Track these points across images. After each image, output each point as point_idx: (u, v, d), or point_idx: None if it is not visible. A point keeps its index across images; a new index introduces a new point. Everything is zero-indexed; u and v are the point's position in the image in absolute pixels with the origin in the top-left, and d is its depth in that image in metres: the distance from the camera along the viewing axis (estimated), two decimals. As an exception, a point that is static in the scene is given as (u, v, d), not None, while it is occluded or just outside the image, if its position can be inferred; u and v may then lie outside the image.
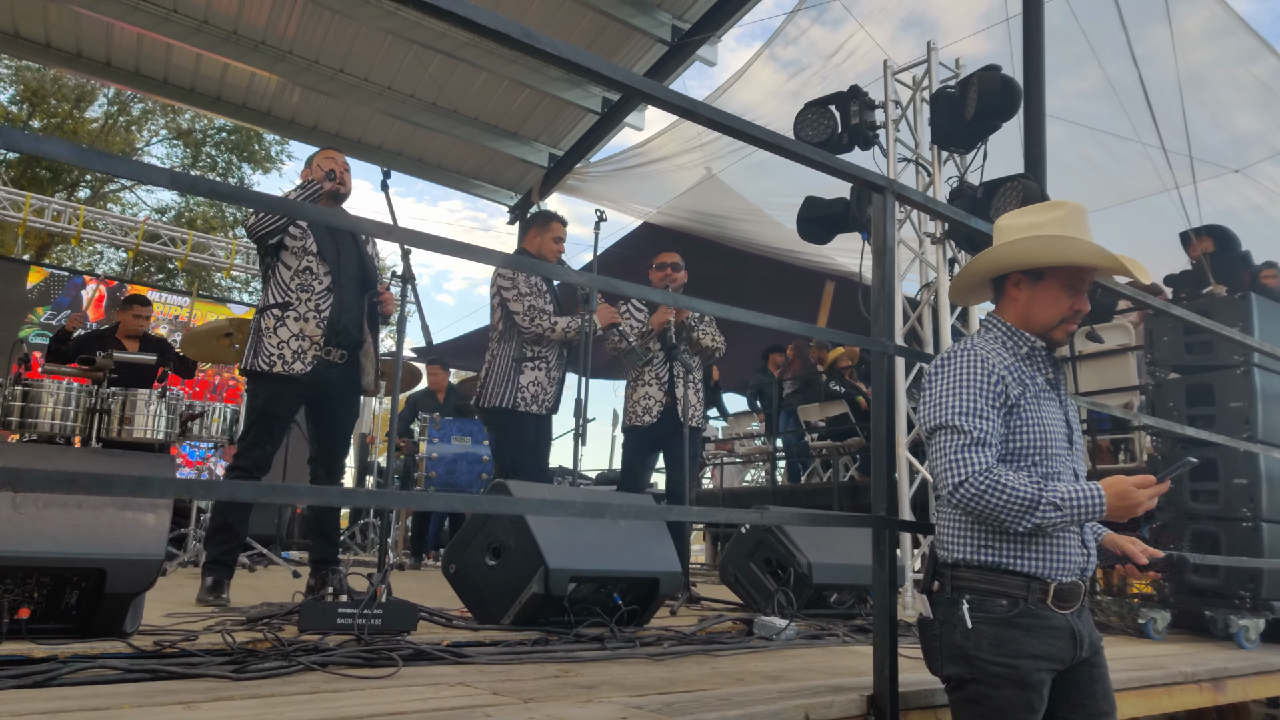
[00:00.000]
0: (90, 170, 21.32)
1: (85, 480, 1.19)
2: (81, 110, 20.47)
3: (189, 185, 1.40)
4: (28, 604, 2.22)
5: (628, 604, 3.04)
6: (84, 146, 1.27)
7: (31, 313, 10.15)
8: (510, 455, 4.38)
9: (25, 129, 20.15)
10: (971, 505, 1.78)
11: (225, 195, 6.15)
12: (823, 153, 2.21)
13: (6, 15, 7.96)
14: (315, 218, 3.59)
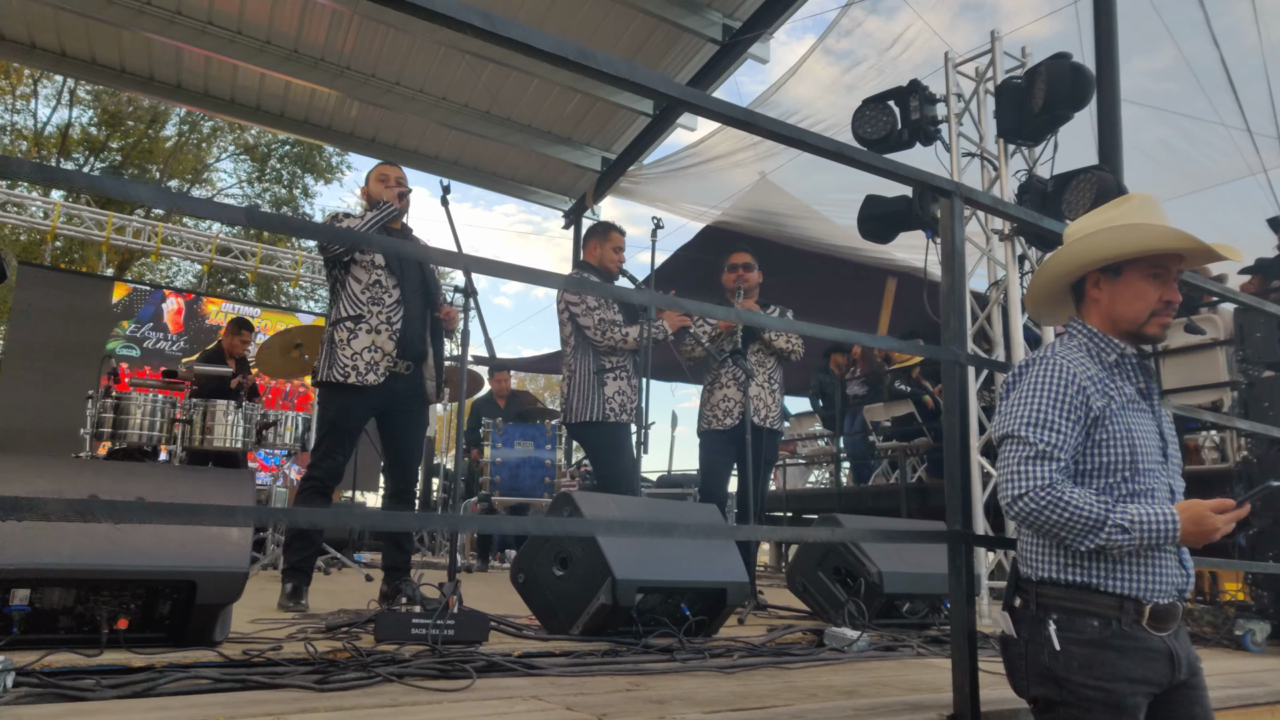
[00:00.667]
0: (166, 188, 22.02)
1: (177, 510, 1.24)
2: (156, 130, 21.15)
3: (264, 222, 1.45)
4: (125, 615, 2.32)
5: (695, 614, 3.05)
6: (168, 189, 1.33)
7: (117, 326, 10.53)
8: (609, 466, 4.40)
9: (105, 150, 20.94)
10: (1030, 520, 1.72)
11: (300, 230, 6.30)
12: (886, 159, 2.19)
13: (84, 43, 8.29)
14: (391, 250, 3.68)
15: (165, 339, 10.85)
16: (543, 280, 1.76)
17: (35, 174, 1.15)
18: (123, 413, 5.67)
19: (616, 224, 4.83)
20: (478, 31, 1.55)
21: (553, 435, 6.96)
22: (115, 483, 2.41)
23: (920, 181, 2.20)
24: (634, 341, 4.42)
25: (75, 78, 14.66)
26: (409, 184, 4.06)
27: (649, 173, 9.43)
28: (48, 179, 1.30)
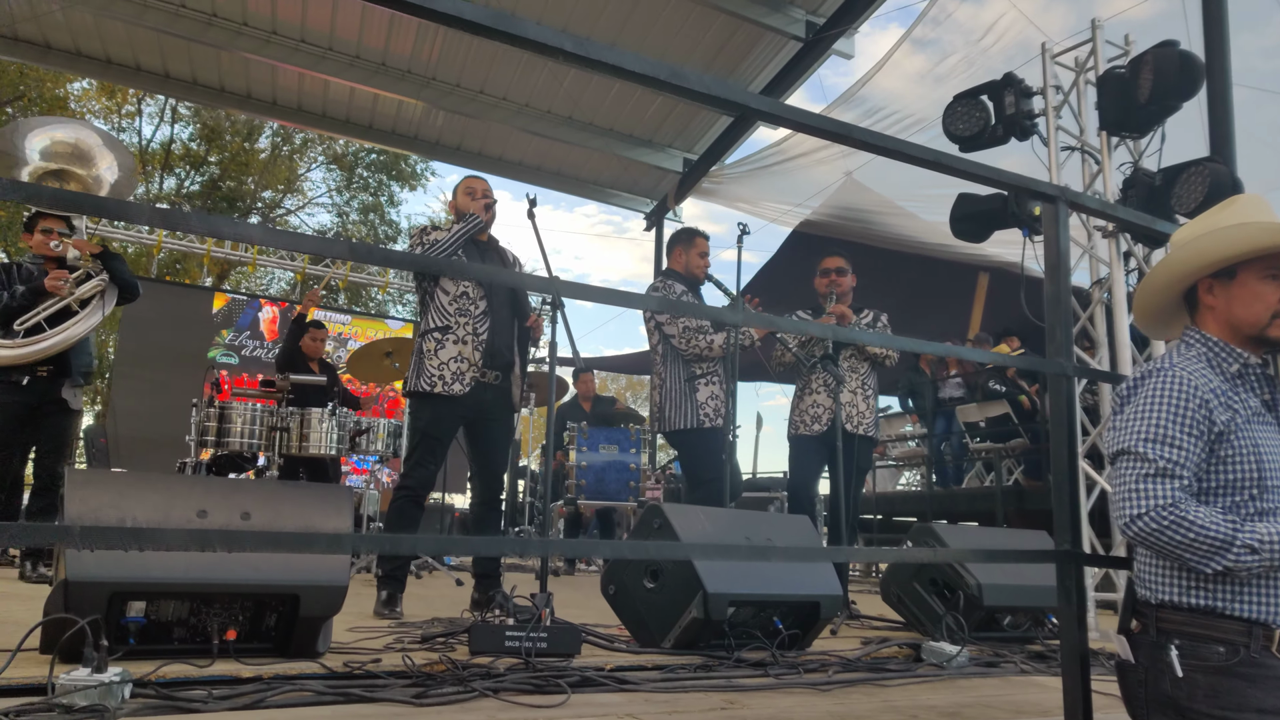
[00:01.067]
0: (260, 199, 22.87)
1: (288, 539, 1.27)
2: (251, 143, 21.95)
3: (365, 254, 1.47)
4: (234, 626, 2.40)
5: (788, 627, 3.00)
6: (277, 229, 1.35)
7: (217, 335, 10.95)
8: (706, 472, 4.38)
9: (204, 164, 21.83)
10: (1149, 541, 1.64)
11: (398, 263, 6.43)
12: (983, 166, 2.11)
13: (185, 65, 8.64)
14: (481, 277, 3.75)
15: (261, 346, 11.23)
16: (630, 302, 1.74)
17: (156, 219, 1.18)
18: (225, 421, 5.89)
19: (700, 228, 4.81)
20: (569, 56, 1.55)
21: (637, 439, 6.96)
22: (223, 498, 2.49)
23: (1021, 187, 2.11)
24: (720, 348, 4.39)
25: (178, 98, 15.31)
26: (494, 195, 4.11)
27: (731, 172, 9.37)
28: (170, 225, 1.34)
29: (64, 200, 3.06)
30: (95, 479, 2.43)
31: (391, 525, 3.88)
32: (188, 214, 1.25)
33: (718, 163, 9.41)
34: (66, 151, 4.14)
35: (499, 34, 1.50)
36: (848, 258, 4.82)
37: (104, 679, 1.94)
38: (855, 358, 4.65)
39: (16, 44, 8.28)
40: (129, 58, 8.58)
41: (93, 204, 2.64)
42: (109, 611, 2.24)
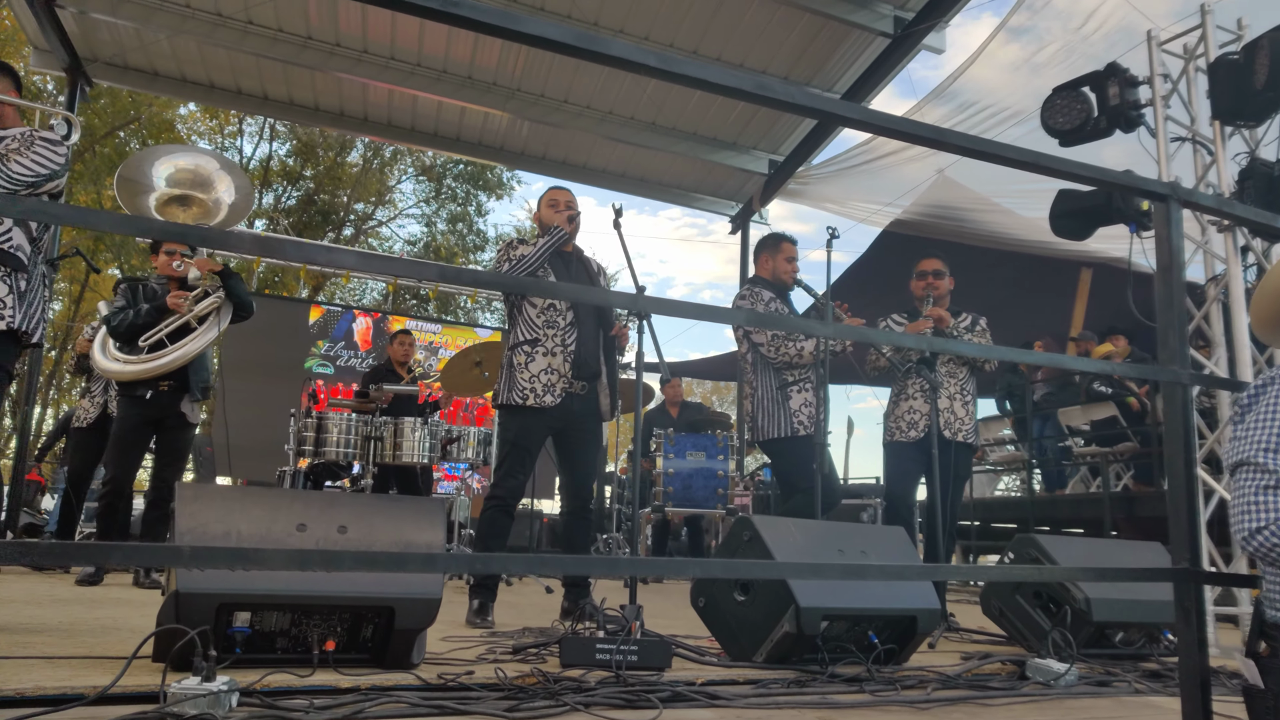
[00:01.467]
0: (352, 211, 23.57)
1: (383, 560, 1.28)
2: (344, 157, 22.67)
3: (454, 276, 1.48)
4: (333, 637, 2.46)
5: (884, 642, 2.92)
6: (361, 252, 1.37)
7: (314, 345, 11.31)
8: (802, 481, 4.32)
9: (300, 179, 22.62)
10: (1270, 556, 1.54)
11: (489, 283, 6.55)
12: (1086, 165, 2.01)
13: (282, 86, 8.97)
14: (567, 297, 3.77)
15: (356, 356, 11.55)
16: (717, 316, 1.72)
17: (255, 247, 1.22)
18: (322, 431, 6.07)
19: (787, 233, 4.74)
20: (653, 71, 1.53)
21: (725, 445, 6.90)
22: (321, 512, 2.55)
23: (1132, 187, 2.00)
24: (810, 355, 4.32)
25: (276, 117, 15.90)
26: (578, 205, 4.13)
27: (818, 173, 9.24)
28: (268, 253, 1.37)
29: (172, 232, 3.19)
30: (203, 493, 2.52)
31: (482, 534, 3.94)
32: (284, 242, 1.27)
33: (804, 163, 9.29)
34: (188, 178, 4.33)
35: (587, 53, 1.49)
36: (945, 259, 4.69)
37: (213, 688, 2.00)
38: (954, 362, 4.52)
39: (127, 72, 8.71)
40: (230, 82, 8.95)
41: (197, 235, 2.74)
42: (216, 622, 2.32)
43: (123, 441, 4.73)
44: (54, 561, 1.24)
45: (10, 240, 3.16)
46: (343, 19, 7.89)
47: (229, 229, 4.46)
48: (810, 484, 4.21)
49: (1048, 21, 6.95)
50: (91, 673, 2.27)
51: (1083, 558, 3.34)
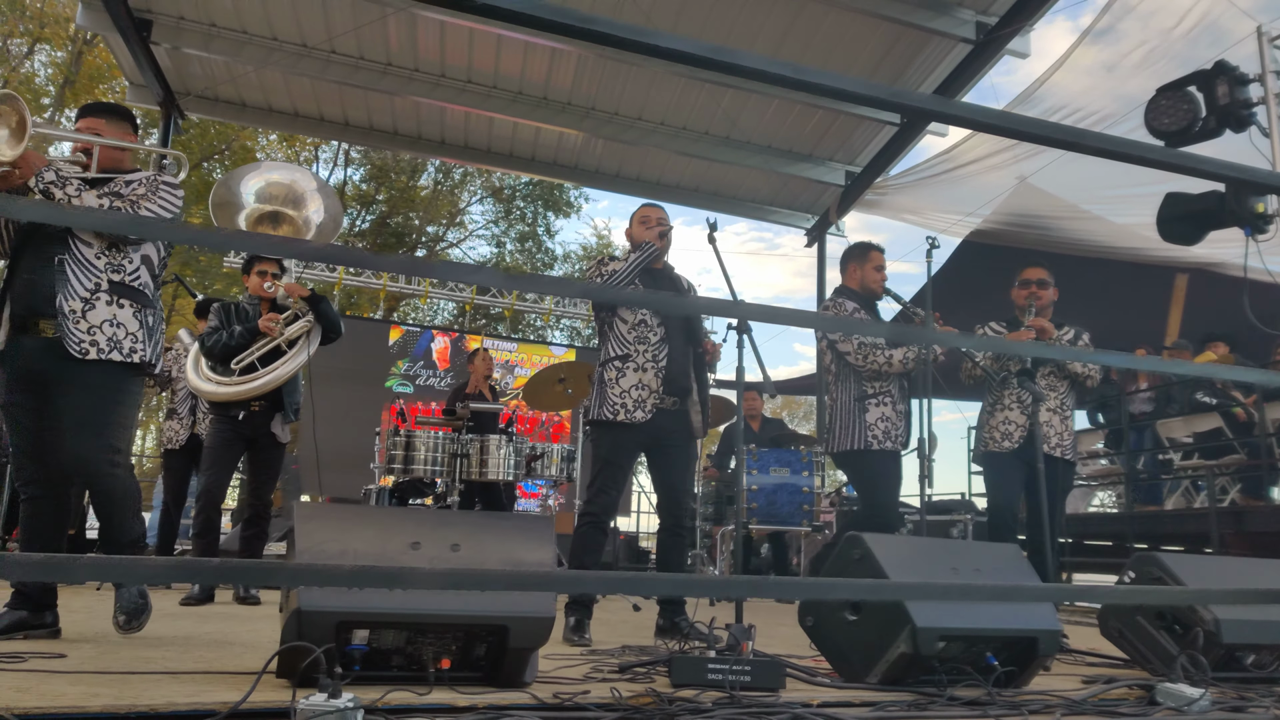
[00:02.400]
0: (423, 233, 24.04)
1: (499, 579, 1.27)
2: (415, 181, 23.14)
3: (528, 285, 1.48)
4: (447, 655, 2.47)
5: (1003, 664, 2.82)
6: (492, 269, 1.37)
7: (394, 365, 11.53)
8: (872, 496, 4.26)
9: (374, 203, 23.16)
10: None
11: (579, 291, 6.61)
12: (1214, 160, 1.93)
13: (363, 112, 9.20)
14: (663, 307, 3.78)
15: (434, 375, 11.73)
16: (808, 322, 1.68)
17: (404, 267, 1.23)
18: (411, 449, 6.16)
19: (874, 242, 4.68)
20: (788, 81, 1.51)
21: (809, 461, 6.82)
22: (433, 530, 2.56)
23: (1244, 180, 1.91)
24: (899, 364, 4.23)
25: (356, 143, 16.28)
26: (669, 222, 4.13)
27: (896, 183, 9.11)
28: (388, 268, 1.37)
29: (274, 246, 3.27)
30: (319, 512, 2.57)
31: (577, 552, 3.94)
32: (417, 261, 1.27)
33: (882, 174, 9.17)
34: (281, 194, 4.42)
35: (720, 65, 1.48)
36: (1050, 270, 4.59)
37: (339, 705, 2.02)
38: (1054, 375, 4.39)
39: (217, 104, 9.05)
40: (313, 109, 9.21)
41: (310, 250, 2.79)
42: (336, 639, 2.34)
43: (216, 459, 4.85)
44: (219, 580, 1.27)
45: (139, 278, 3.29)
46: (422, 45, 8.06)
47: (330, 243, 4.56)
48: (875, 500, 4.14)
49: (1132, 24, 6.76)
50: (216, 688, 2.31)
51: (1212, 577, 3.19)
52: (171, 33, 7.82)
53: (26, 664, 2.49)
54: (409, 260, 2.82)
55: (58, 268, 3.13)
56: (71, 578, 0.98)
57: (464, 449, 6.12)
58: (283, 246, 3.43)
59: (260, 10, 7.71)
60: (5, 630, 3.06)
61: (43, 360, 3.12)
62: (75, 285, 3.13)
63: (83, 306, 3.12)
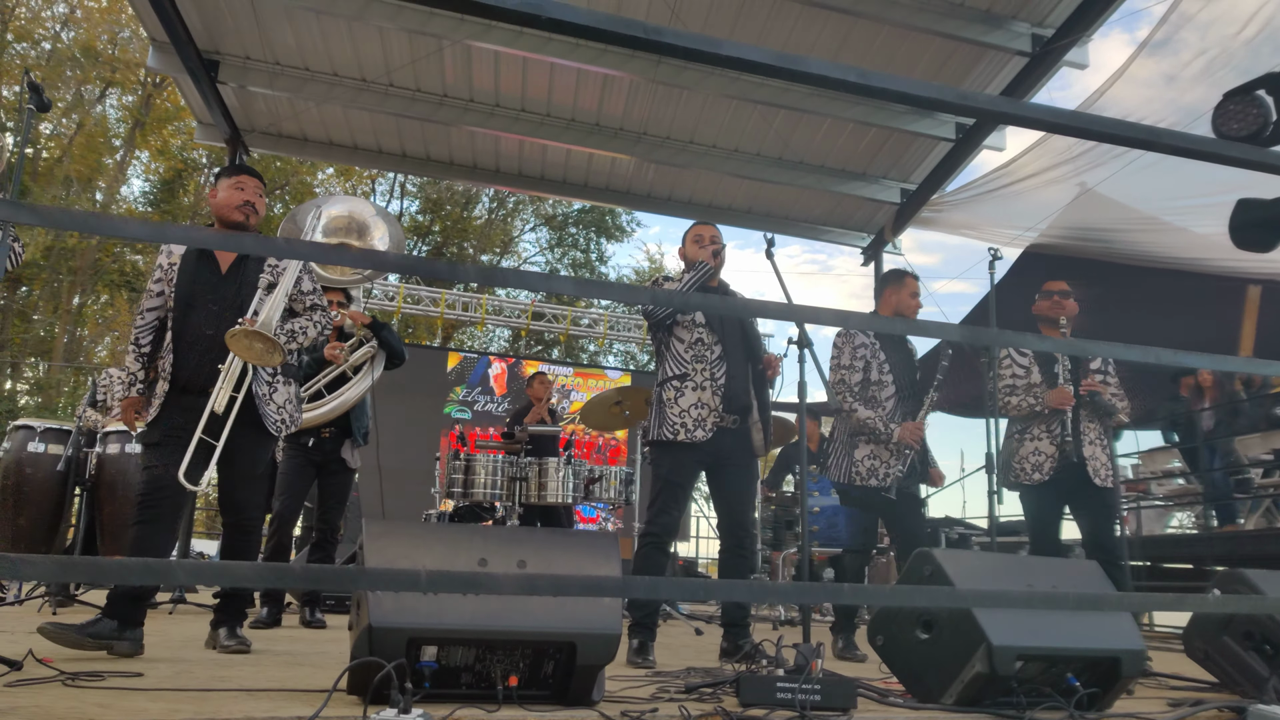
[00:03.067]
0: (477, 261, 24.35)
1: (573, 584, 1.27)
2: (469, 211, 23.53)
3: (578, 288, 1.48)
4: (515, 673, 2.47)
5: (1085, 685, 2.73)
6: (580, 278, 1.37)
7: (451, 392, 11.66)
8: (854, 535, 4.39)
9: (429, 234, 23.57)
10: None
11: (620, 294, 6.66)
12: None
13: (419, 143, 9.39)
14: (716, 309, 3.77)
15: (492, 401, 11.84)
16: (867, 324, 1.65)
17: (475, 275, 1.24)
18: (470, 473, 6.19)
19: (910, 270, 4.67)
20: (852, 87, 1.51)
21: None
22: (499, 547, 2.57)
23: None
24: (858, 422, 4.30)
25: (413, 174, 16.61)
26: (722, 240, 4.12)
27: (952, 199, 9.01)
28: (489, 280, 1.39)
29: (341, 256, 3.33)
30: (389, 530, 2.58)
31: (638, 572, 3.91)
32: (485, 268, 1.29)
33: (938, 190, 9.07)
34: (344, 224, 4.53)
35: (786, 73, 1.48)
36: (1064, 277, 4.62)
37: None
38: (1088, 409, 4.39)
39: (280, 140, 9.31)
40: (371, 142, 9.42)
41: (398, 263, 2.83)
42: (407, 656, 2.35)
43: (288, 486, 4.94)
44: (303, 584, 1.29)
45: (292, 354, 3.63)
46: (477, 76, 8.21)
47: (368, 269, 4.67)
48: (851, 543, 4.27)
49: (1186, 33, 6.64)
50: (291, 704, 2.33)
51: (1301, 593, 3.06)
52: (238, 72, 8.09)
53: (106, 682, 2.55)
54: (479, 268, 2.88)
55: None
56: (170, 580, 1.00)
57: (523, 472, 6.14)
58: (360, 258, 3.51)
59: (321, 47, 7.93)
60: (93, 634, 3.18)
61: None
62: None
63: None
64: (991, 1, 7.10)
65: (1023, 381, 4.54)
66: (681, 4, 7.04)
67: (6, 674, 2.55)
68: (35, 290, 19.24)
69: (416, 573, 1.16)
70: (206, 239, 2.79)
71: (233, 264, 3.59)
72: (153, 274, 3.62)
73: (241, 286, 3.56)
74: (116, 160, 20.51)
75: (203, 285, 3.52)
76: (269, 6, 7.42)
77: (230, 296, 3.53)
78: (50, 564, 0.99)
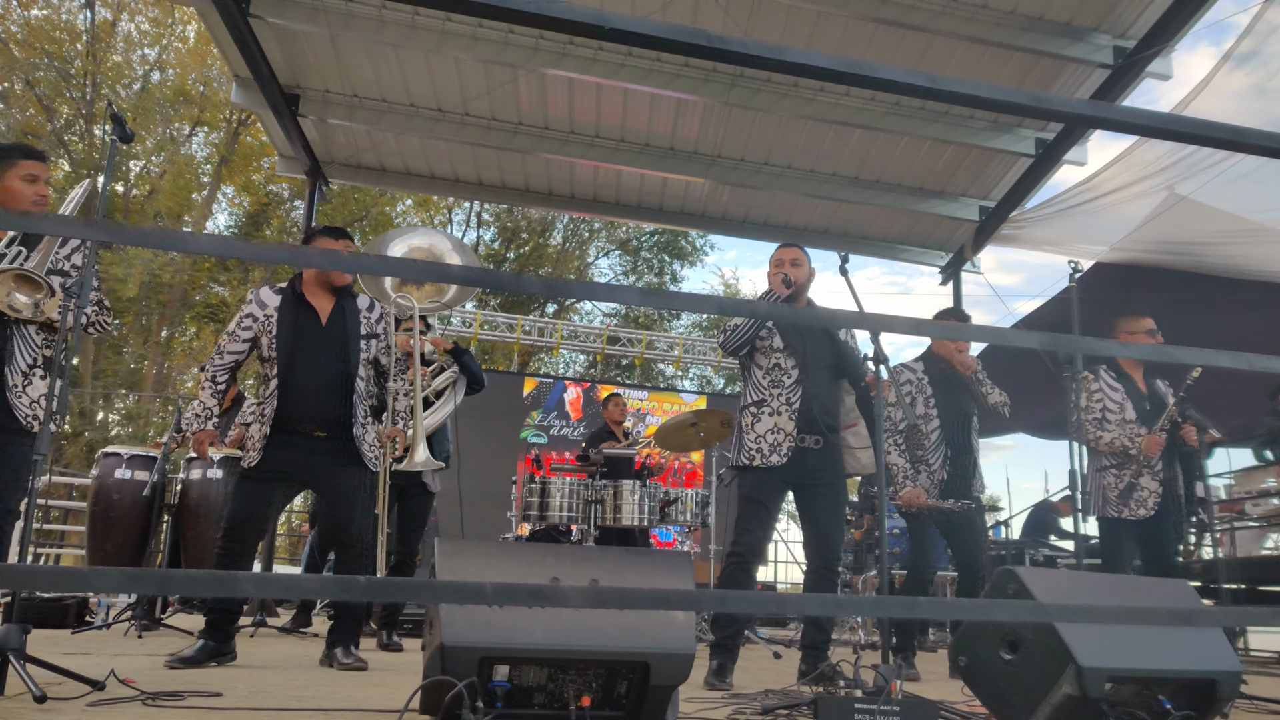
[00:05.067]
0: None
1: (640, 597, 1.26)
2: (546, 239, 23.86)
3: (643, 299, 1.47)
4: (588, 693, 2.45)
5: (1179, 708, 2.61)
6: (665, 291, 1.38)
7: (528, 416, 11.78)
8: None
9: (504, 261, 23.96)
10: None
11: (686, 304, 6.69)
12: None
13: (495, 172, 9.57)
14: (790, 317, 3.74)
15: (568, 425, 11.92)
16: (938, 332, 1.61)
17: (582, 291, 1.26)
18: (546, 495, 6.23)
19: (963, 311, 4.63)
20: (921, 91, 1.49)
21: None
22: (572, 565, 2.57)
23: None
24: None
25: (490, 201, 16.91)
26: (799, 257, 4.07)
27: (1033, 215, 8.78)
28: (557, 292, 1.41)
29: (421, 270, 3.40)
30: (461, 548, 2.61)
31: None
32: (558, 281, 1.30)
33: (1018, 207, 8.86)
34: (423, 256, 4.64)
35: (853, 78, 1.46)
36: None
37: (483, 738, 2.03)
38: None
39: (359, 171, 9.59)
40: (448, 171, 9.65)
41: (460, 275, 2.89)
42: (479, 675, 2.36)
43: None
44: (369, 597, 1.31)
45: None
46: (551, 104, 8.35)
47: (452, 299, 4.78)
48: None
49: (1275, 45, 6.40)
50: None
51: None
52: (318, 106, 8.36)
53: (185, 702, 2.61)
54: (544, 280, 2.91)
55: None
56: (236, 592, 1.03)
57: (598, 495, 6.15)
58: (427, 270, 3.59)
59: (399, 79, 8.16)
60: (203, 660, 3.52)
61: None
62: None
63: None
64: (1073, 13, 6.94)
65: (1115, 416, 4.42)
66: (755, 25, 7.06)
67: (89, 693, 2.63)
68: (126, 323, 20.14)
69: (481, 585, 1.17)
70: (273, 254, 2.88)
71: (331, 313, 3.90)
72: (240, 320, 3.82)
73: (341, 336, 3.89)
74: (203, 196, 21.42)
75: (306, 335, 3.82)
76: (349, 42, 7.66)
77: (334, 344, 3.86)
78: (118, 575, 1.03)
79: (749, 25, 7.01)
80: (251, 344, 3.85)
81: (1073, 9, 6.89)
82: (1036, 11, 6.91)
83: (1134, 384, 4.56)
